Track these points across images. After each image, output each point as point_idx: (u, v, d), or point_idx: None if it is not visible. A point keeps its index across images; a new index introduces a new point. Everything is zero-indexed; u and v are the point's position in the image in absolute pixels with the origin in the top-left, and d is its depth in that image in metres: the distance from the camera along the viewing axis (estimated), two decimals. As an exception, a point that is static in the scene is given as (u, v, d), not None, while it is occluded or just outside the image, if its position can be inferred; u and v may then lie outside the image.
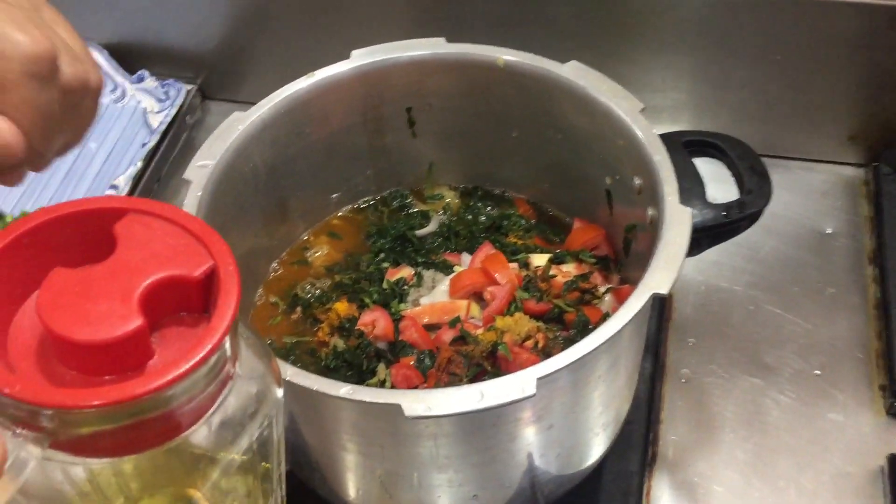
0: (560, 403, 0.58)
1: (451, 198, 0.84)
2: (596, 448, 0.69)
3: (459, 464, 0.60)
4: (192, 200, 0.65)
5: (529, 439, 0.60)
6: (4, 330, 0.38)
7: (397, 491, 0.63)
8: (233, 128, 0.70)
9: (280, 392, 0.44)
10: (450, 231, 0.80)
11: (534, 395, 0.52)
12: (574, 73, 0.71)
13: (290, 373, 0.54)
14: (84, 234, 0.39)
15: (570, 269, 0.74)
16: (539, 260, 0.75)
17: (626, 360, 0.63)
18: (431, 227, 0.81)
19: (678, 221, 0.60)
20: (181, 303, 0.38)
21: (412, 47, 0.75)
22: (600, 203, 0.76)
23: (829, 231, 0.97)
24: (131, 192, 1.01)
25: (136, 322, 0.35)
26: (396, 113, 0.79)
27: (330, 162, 0.79)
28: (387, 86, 0.76)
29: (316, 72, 0.74)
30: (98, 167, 1.06)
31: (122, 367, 0.36)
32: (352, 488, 0.65)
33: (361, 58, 0.74)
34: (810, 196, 1.00)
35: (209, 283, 0.38)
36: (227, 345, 0.38)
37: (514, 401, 0.52)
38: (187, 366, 0.35)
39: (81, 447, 0.36)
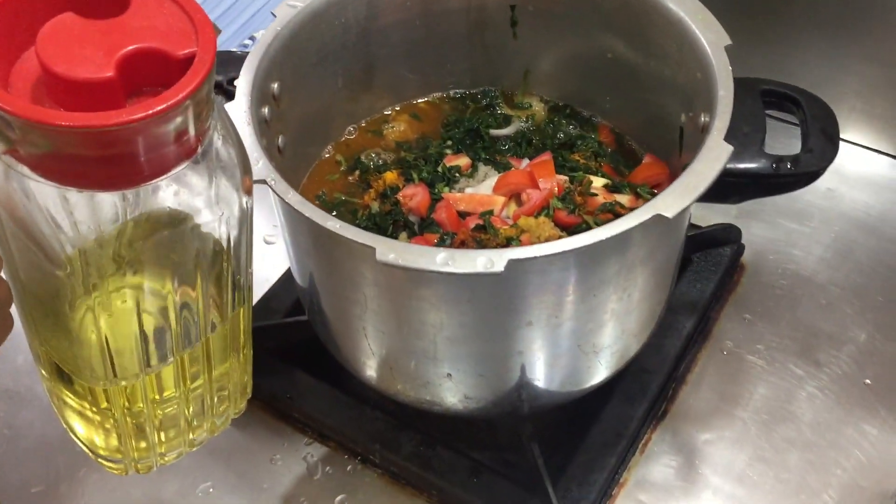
0: (537, 301, 0.58)
1: (538, 109, 0.84)
2: (587, 372, 0.68)
3: (434, 334, 0.61)
4: (270, 33, 0.68)
5: (506, 330, 0.61)
6: (17, 56, 0.42)
7: (378, 347, 0.66)
8: (331, -21, 0.73)
9: (245, 201, 0.47)
10: (523, 139, 0.81)
11: (500, 273, 0.52)
12: (675, -1, 0.69)
13: (292, 198, 0.57)
14: None
15: (624, 200, 0.73)
16: (596, 182, 0.74)
17: (629, 286, 0.62)
18: (507, 131, 0.82)
19: (713, 157, 0.58)
20: (161, 78, 0.41)
21: (526, -58, 0.75)
22: (674, 143, 0.73)
23: (938, 248, 0.89)
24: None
25: (108, 73, 0.39)
26: (500, 8, 0.79)
27: (426, 43, 0.81)
28: (494, -23, 0.77)
29: (427, -53, 0.76)
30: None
31: (94, 110, 0.39)
32: (340, 335, 0.68)
33: (474, -57, 0.75)
34: (931, 208, 0.93)
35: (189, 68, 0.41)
36: (184, 119, 0.41)
37: (478, 273, 0.52)
38: (131, 117, 0.38)
39: (41, 166, 0.41)
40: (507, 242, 0.66)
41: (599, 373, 0.70)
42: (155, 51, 0.40)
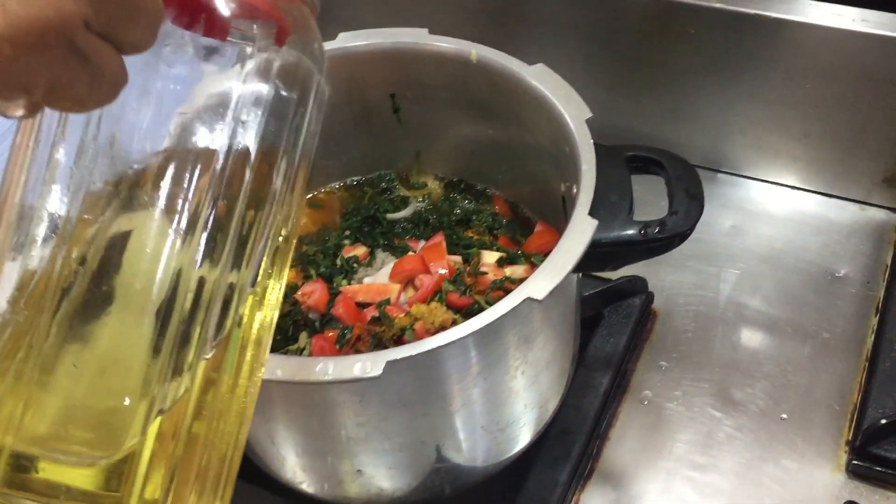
0: (426, 393, 0.59)
1: (434, 187, 0.86)
2: (499, 448, 0.69)
3: (333, 436, 0.62)
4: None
5: (403, 424, 0.61)
6: None
7: (286, 452, 0.66)
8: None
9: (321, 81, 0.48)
10: (420, 219, 0.82)
11: (378, 377, 0.53)
12: (539, 75, 0.71)
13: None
14: None
15: (520, 271, 0.74)
16: (490, 258, 0.75)
17: (520, 364, 0.63)
18: (404, 213, 0.83)
19: (579, 231, 0.60)
20: None
21: (394, 35, 0.77)
22: (560, 210, 0.75)
23: (840, 274, 0.92)
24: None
25: None
26: (381, 98, 0.81)
27: (315, 137, 0.82)
28: (370, 71, 0.78)
29: (303, 49, 0.77)
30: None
31: None
32: (251, 443, 0.68)
33: (347, 40, 0.77)
34: (831, 235, 0.95)
35: None
36: None
37: (357, 378, 0.53)
38: None
39: None
40: (402, 332, 0.67)
41: (513, 446, 0.71)
42: None
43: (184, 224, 0.42)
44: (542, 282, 0.57)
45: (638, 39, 0.95)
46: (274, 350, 0.70)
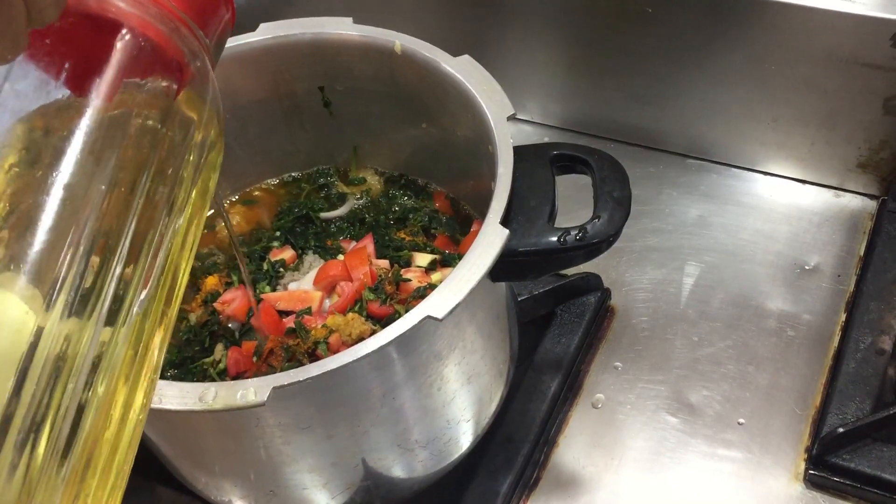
0: (329, 415, 0.56)
1: (374, 182, 0.82)
2: (423, 464, 0.66)
3: (242, 458, 0.59)
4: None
5: (308, 447, 0.58)
6: None
7: (199, 472, 0.63)
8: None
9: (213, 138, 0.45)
10: (356, 218, 0.78)
11: (263, 404, 0.50)
12: (463, 68, 0.67)
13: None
14: None
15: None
16: (421, 260, 0.71)
17: (435, 381, 0.59)
18: (340, 212, 0.79)
19: (488, 242, 0.55)
20: None
21: (317, 25, 0.72)
22: (495, 208, 0.71)
23: (810, 265, 0.87)
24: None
25: None
26: (310, 91, 0.77)
27: (244, 134, 0.78)
28: (295, 63, 0.74)
29: (224, 42, 0.73)
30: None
31: None
32: (165, 462, 0.65)
33: (268, 31, 0.73)
34: (802, 223, 0.90)
35: None
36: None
37: (243, 406, 0.50)
38: None
39: None
40: (315, 346, 0.63)
41: (444, 459, 0.67)
42: None
43: (47, 286, 0.37)
44: (443, 298, 0.53)
45: (595, 20, 0.89)
46: (189, 363, 0.67)
